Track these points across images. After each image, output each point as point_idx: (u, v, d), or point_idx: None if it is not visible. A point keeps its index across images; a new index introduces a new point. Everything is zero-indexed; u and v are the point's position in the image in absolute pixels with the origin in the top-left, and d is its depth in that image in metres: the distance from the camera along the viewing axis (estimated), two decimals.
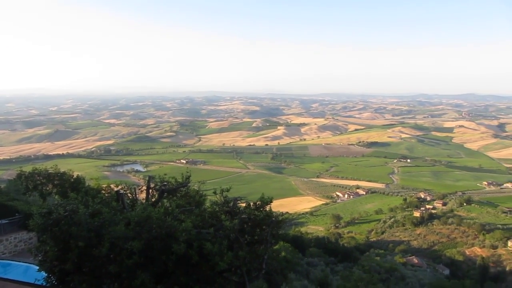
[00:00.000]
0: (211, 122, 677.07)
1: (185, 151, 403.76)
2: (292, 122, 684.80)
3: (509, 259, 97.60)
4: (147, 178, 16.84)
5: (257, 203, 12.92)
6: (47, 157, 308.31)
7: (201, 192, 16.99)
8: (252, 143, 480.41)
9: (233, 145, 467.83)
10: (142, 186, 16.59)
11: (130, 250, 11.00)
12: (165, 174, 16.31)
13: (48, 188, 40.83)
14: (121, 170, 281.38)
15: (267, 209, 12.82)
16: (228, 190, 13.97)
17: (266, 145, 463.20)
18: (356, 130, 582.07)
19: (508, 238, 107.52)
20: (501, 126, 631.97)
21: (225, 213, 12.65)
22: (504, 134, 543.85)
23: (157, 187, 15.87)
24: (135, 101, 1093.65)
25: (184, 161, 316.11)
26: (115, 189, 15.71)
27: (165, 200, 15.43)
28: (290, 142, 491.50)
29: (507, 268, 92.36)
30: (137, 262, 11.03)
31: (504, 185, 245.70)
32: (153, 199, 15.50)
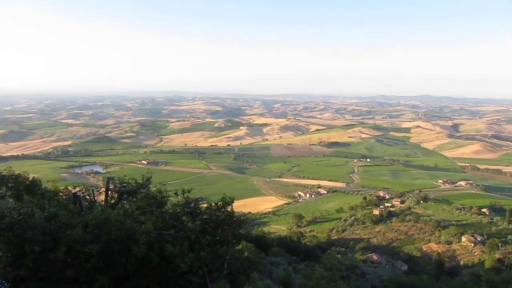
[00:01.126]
0: (173, 122, 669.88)
1: (146, 151, 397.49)
2: (254, 122, 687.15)
3: (463, 254, 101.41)
4: (106, 180, 16.47)
5: (219, 203, 12.88)
6: (1, 159, 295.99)
7: (163, 193, 16.76)
8: (214, 144, 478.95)
9: (195, 145, 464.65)
10: (101, 188, 16.19)
11: (88, 253, 10.71)
12: (125, 176, 15.97)
13: (1, 191, 39.24)
14: (79, 172, 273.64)
15: (229, 209, 12.79)
16: (189, 191, 13.85)
17: (229, 145, 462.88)
18: (317, 130, 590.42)
19: (462, 234, 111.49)
20: (455, 127, 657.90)
21: (186, 214, 12.53)
22: (458, 134, 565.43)
23: (117, 188, 15.53)
24: (94, 101, 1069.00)
25: (145, 162, 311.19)
26: (73, 191, 15.28)
27: (125, 202, 15.13)
28: (253, 142, 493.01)
29: (461, 263, 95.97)
30: (95, 266, 10.76)
31: (458, 183, 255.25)
32: (113, 201, 15.16)
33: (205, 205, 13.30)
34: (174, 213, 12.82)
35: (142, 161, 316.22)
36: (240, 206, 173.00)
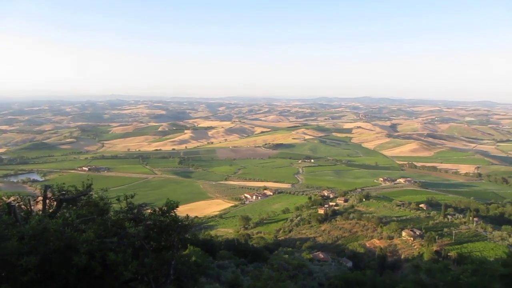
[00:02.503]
0: (115, 127, 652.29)
1: (87, 157, 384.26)
2: (199, 125, 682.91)
3: (403, 248, 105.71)
4: (43, 188, 15.73)
5: (163, 208, 12.66)
6: None
7: (105, 199, 16.25)
8: (158, 148, 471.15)
9: (139, 150, 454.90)
10: (38, 197, 15.45)
11: (25, 266, 10.18)
12: (64, 183, 15.33)
13: None
14: (15, 181, 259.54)
15: (174, 214, 12.60)
16: (132, 197, 13.51)
17: (173, 149, 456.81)
18: (262, 132, 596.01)
19: (402, 229, 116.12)
20: (393, 127, 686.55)
21: (129, 220, 12.22)
22: (396, 133, 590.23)
23: (55, 197, 14.88)
24: (30, 106, 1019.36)
25: (87, 168, 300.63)
26: (7, 201, 14.48)
27: (64, 211, 14.53)
28: (198, 146, 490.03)
29: (402, 256, 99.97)
30: (33, 279, 10.24)
31: (397, 180, 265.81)
32: (51, 210, 14.51)
33: (149, 211, 13.03)
34: (116, 220, 12.44)
35: (83, 168, 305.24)
36: (187, 211, 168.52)
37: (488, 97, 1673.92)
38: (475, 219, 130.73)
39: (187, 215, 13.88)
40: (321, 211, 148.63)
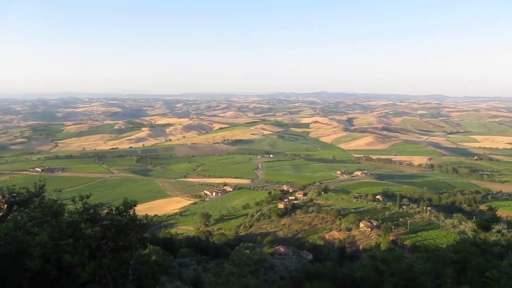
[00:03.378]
0: (69, 125, 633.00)
1: (40, 158, 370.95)
2: (156, 123, 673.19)
3: (361, 239, 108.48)
4: None
5: (120, 207, 12.41)
6: None
7: (59, 201, 15.75)
8: (115, 146, 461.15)
9: (95, 149, 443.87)
10: None
11: None
12: (14, 185, 14.75)
13: None
14: None
15: (131, 213, 12.38)
16: (88, 197, 13.15)
17: (130, 147, 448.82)
18: (221, 128, 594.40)
19: (360, 220, 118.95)
20: (350, 121, 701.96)
21: (85, 221, 11.90)
22: (352, 127, 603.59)
23: (5, 199, 14.29)
24: None
25: (40, 169, 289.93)
26: None
27: (16, 214, 13.98)
28: (156, 144, 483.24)
29: (361, 247, 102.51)
30: None
31: (354, 173, 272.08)
32: (1, 214, 13.94)
33: (106, 211, 12.74)
34: (71, 221, 12.09)
35: (36, 168, 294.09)
36: (146, 209, 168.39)
37: (439, 90, 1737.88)
38: (429, 208, 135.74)
39: (146, 214, 13.70)
40: (281, 205, 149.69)
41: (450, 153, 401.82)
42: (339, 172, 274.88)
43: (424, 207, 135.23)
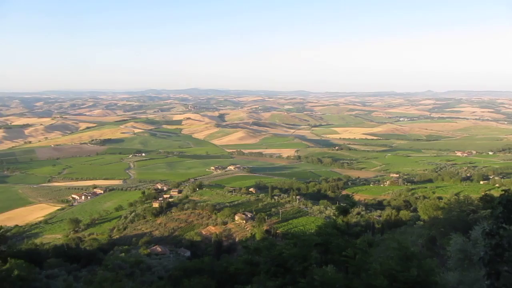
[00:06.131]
0: None
1: None
2: (13, 123, 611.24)
3: (237, 231, 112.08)
4: None
5: None
6: None
7: None
8: None
9: None
10: None
11: None
12: None
13: None
14: None
15: None
16: None
17: None
18: (88, 128, 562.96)
19: (235, 213, 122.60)
20: (221, 117, 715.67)
21: None
22: (224, 123, 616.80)
23: None
24: None
25: None
26: None
27: None
28: (13, 147, 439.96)
29: (237, 239, 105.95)
30: None
31: (228, 168, 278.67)
32: None
33: None
34: None
35: None
36: (4, 220, 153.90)
37: (303, 87, 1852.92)
38: (298, 197, 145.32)
39: (1, 226, 13.03)
40: (155, 204, 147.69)
41: (315, 144, 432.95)
42: (213, 168, 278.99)
43: (294, 196, 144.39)
